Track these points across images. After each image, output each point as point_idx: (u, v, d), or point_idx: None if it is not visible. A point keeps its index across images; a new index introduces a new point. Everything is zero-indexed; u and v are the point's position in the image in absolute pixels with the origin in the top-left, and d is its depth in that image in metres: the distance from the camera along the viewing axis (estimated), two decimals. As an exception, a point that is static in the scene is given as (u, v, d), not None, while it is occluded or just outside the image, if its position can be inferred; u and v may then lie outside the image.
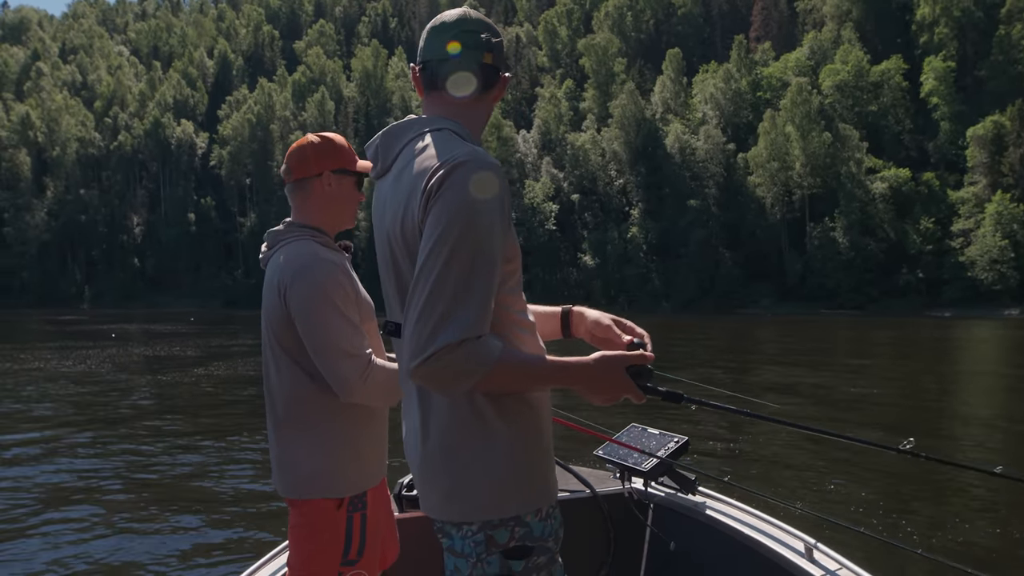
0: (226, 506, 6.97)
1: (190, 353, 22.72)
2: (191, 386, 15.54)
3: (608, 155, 72.20)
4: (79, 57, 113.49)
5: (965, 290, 54.04)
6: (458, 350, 1.36)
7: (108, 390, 14.98)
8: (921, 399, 13.44)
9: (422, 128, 1.55)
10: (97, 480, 7.90)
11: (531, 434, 1.51)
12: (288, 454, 2.15)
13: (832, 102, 64.99)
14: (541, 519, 1.50)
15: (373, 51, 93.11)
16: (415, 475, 1.58)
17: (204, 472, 8.22)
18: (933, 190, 60.07)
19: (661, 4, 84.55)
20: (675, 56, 73.48)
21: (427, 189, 1.43)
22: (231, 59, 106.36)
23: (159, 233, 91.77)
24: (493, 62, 1.58)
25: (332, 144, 2.27)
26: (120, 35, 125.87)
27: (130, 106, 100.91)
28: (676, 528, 2.89)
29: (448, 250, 1.38)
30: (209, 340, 29.37)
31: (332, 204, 2.25)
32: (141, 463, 8.75)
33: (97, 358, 21.53)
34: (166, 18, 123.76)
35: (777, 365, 20.05)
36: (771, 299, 60.96)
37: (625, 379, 1.49)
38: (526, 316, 1.57)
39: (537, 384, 1.49)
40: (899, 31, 69.42)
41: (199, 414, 12.16)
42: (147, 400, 13.82)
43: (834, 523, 2.95)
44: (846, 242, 59.22)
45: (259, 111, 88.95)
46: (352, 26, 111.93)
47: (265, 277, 2.28)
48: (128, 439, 10.09)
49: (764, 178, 64.18)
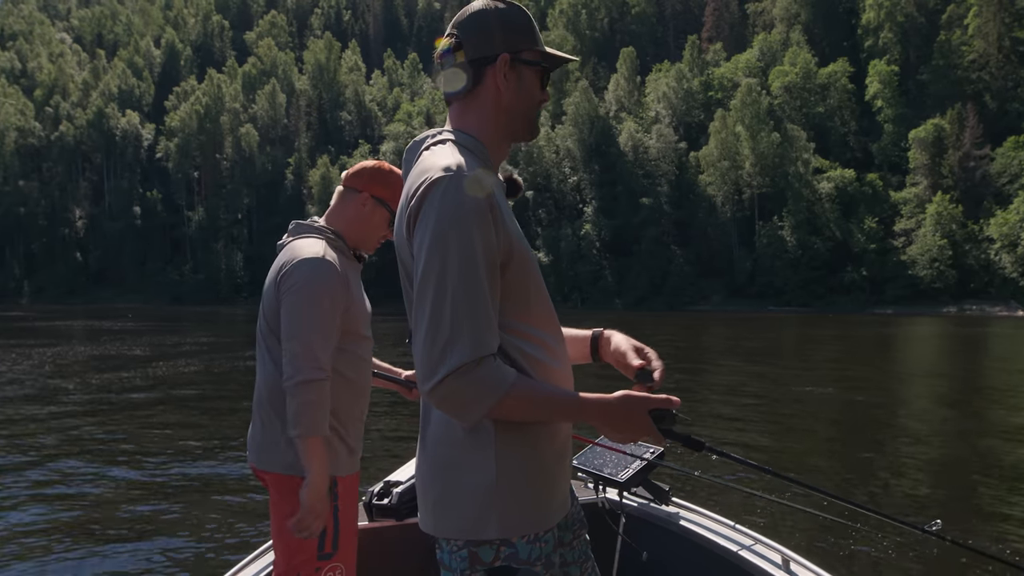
0: (199, 507, 6.80)
1: (138, 352, 22.15)
2: (139, 385, 15.17)
3: (562, 152, 72.52)
4: (18, 43, 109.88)
5: (906, 288, 55.68)
6: (467, 375, 1.35)
7: (50, 390, 14.52)
8: (868, 395, 13.78)
9: (428, 141, 1.54)
10: (49, 485, 7.64)
11: (528, 455, 1.47)
12: (269, 432, 2.27)
13: (781, 103, 66.28)
14: (529, 541, 1.45)
15: (326, 44, 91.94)
16: (416, 484, 1.58)
17: (166, 473, 8.02)
18: (877, 190, 61.69)
19: (615, 3, 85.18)
20: (629, 55, 74.09)
21: (409, 210, 1.43)
22: (179, 49, 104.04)
23: (103, 227, 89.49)
24: (469, 57, 1.53)
25: (389, 177, 2.42)
26: (62, 22, 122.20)
27: (72, 95, 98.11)
28: (649, 538, 2.87)
29: (437, 274, 1.37)
30: (159, 338, 28.71)
31: (359, 222, 2.40)
32: (93, 467, 8.49)
33: (39, 356, 20.89)
34: (111, 5, 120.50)
35: (728, 362, 20.39)
36: (721, 296, 61.93)
37: (646, 422, 1.44)
38: (543, 335, 1.52)
39: (552, 417, 1.47)
40: (845, 34, 71.12)
41: (152, 414, 11.87)
42: (94, 400, 13.44)
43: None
44: (793, 240, 60.48)
45: (208, 103, 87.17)
46: (305, 18, 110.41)
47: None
48: (76, 441, 9.80)
49: (715, 177, 65.13)
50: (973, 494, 7.09)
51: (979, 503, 6.80)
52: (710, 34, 78.69)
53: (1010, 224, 52.86)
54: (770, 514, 6.18)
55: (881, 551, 5.39)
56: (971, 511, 6.49)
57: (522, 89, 1.55)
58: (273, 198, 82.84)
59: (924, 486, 7.39)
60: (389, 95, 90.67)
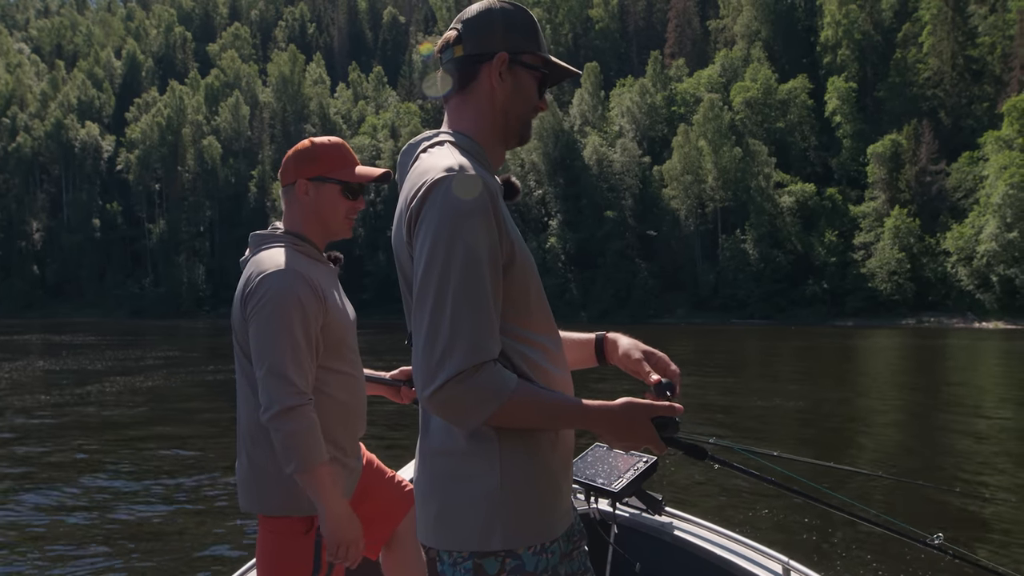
0: (182, 524, 6.64)
1: (99, 366, 21.65)
2: (99, 400, 14.80)
3: (527, 166, 72.75)
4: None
5: (866, 300, 56.65)
6: (468, 380, 1.32)
7: (4, 407, 14.10)
8: (834, 406, 13.94)
9: (425, 143, 1.51)
10: (25, 507, 7.37)
11: (532, 464, 1.44)
12: (255, 470, 2.09)
13: (742, 118, 67.27)
14: (535, 553, 1.42)
15: (290, 56, 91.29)
16: (415, 496, 1.55)
17: (147, 490, 7.81)
18: (836, 204, 62.78)
19: (579, 19, 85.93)
20: (593, 70, 74.69)
21: (409, 213, 1.40)
22: (140, 60, 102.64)
23: (61, 239, 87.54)
24: (467, 51, 1.51)
25: (311, 151, 2.20)
26: (20, 32, 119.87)
27: (30, 106, 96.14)
28: (642, 549, 2.81)
29: (438, 276, 1.34)
30: (120, 352, 28.10)
31: (313, 212, 2.18)
32: (74, 487, 8.24)
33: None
34: (71, 16, 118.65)
35: (691, 376, 20.49)
36: (685, 309, 62.41)
37: (649, 429, 1.43)
38: (543, 339, 1.50)
39: (554, 424, 1.45)
40: (805, 51, 72.51)
41: (115, 429, 11.59)
42: (53, 415, 13.06)
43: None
44: (756, 254, 61.24)
45: (169, 114, 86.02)
46: (269, 30, 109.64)
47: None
48: (33, 459, 9.50)
49: (678, 191, 65.74)
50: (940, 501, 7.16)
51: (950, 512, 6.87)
52: (672, 50, 79.68)
53: (965, 237, 54.15)
54: (769, 524, 6.11)
55: (880, 562, 5.36)
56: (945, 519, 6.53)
57: (518, 92, 1.53)
58: (236, 211, 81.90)
59: (890, 495, 7.47)
60: (354, 108, 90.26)
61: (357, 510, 2.13)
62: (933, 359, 25.81)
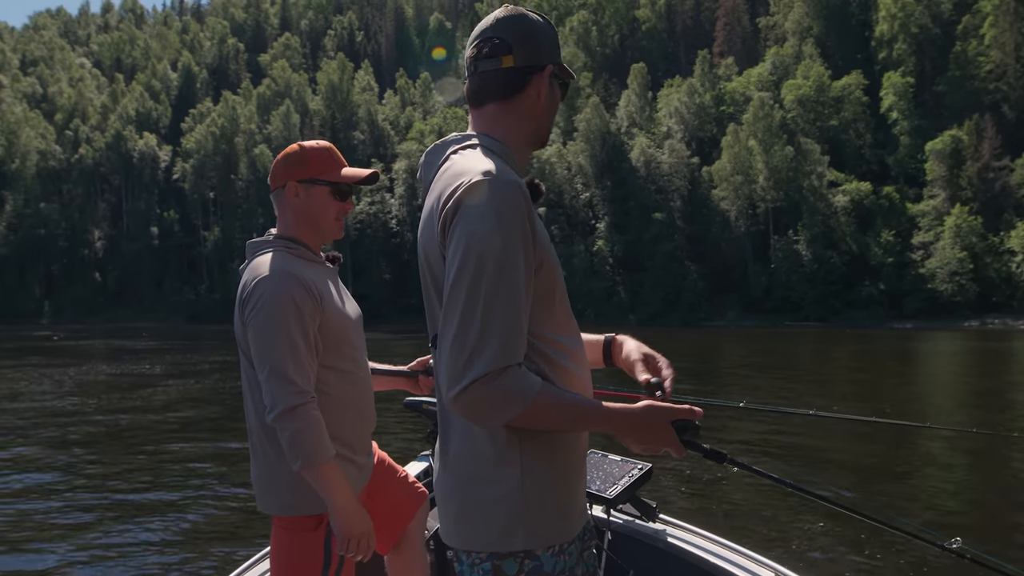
0: (203, 517, 6.82)
1: (157, 370, 22.27)
2: (156, 402, 15.14)
3: (574, 169, 72.48)
4: (39, 69, 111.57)
5: (925, 302, 54.87)
6: (493, 382, 1.34)
7: (70, 408, 14.50)
8: (891, 411, 13.45)
9: (455, 145, 1.53)
10: (66, 499, 7.64)
11: (551, 466, 1.46)
12: (265, 471, 2.15)
13: (794, 116, 65.91)
14: (554, 554, 1.44)
15: (339, 64, 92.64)
16: (436, 496, 1.56)
17: (176, 485, 8.01)
18: (894, 203, 61.07)
19: (626, 19, 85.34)
20: (640, 71, 74.12)
21: (443, 214, 1.41)
22: (195, 72, 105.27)
23: (121, 247, 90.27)
24: (519, 63, 1.53)
25: (300, 154, 2.24)
26: (82, 47, 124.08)
27: (91, 119, 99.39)
28: (636, 555, 2.83)
29: (469, 280, 1.35)
30: (178, 356, 28.77)
31: (304, 215, 2.23)
32: (110, 480, 8.46)
33: (61, 375, 20.96)
34: (129, 30, 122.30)
35: (743, 379, 20.02)
36: (736, 311, 61.39)
37: (669, 432, 1.45)
38: (565, 340, 1.51)
39: (576, 425, 1.47)
40: (859, 47, 70.75)
41: (168, 430, 11.82)
42: (111, 417, 13.40)
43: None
44: (809, 254, 59.90)
45: (223, 124, 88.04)
46: (318, 39, 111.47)
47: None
48: (96, 457, 9.76)
49: (728, 191, 64.77)
50: (1000, 515, 6.81)
51: (1005, 524, 6.53)
52: (721, 48, 78.59)
53: (1031, 236, 52.19)
54: (762, 531, 5.99)
55: (896, 568, 5.22)
56: (996, 531, 6.26)
57: (552, 100, 1.58)
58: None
59: (947, 505, 7.11)
60: (401, 114, 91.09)
61: (367, 507, 2.18)
62: (999, 362, 24.82)
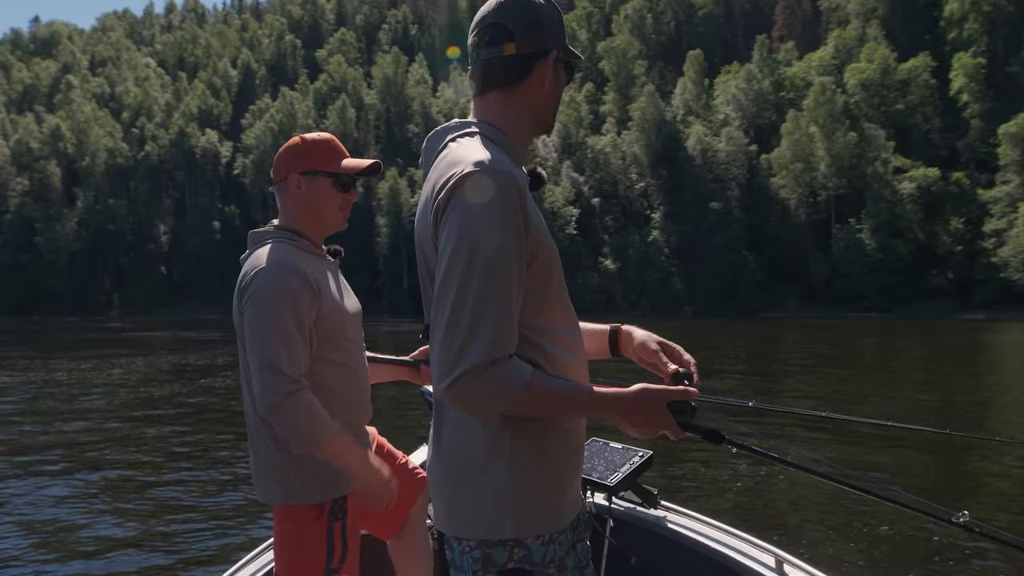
0: (215, 509, 6.95)
1: (220, 361, 22.83)
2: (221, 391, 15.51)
3: (628, 158, 71.66)
4: (107, 69, 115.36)
5: (998, 291, 52.62)
6: (484, 373, 1.33)
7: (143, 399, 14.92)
8: (962, 405, 12.84)
9: (454, 132, 1.52)
10: (102, 489, 7.84)
11: (543, 456, 1.44)
12: (264, 461, 2.15)
13: (857, 101, 63.86)
14: (544, 543, 1.43)
15: (393, 58, 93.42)
16: (428, 484, 1.57)
17: (216, 477, 8.15)
18: (964, 189, 58.74)
19: (682, 5, 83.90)
20: (696, 57, 72.81)
21: (436, 204, 1.40)
22: (254, 68, 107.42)
23: (185, 241, 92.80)
24: (521, 50, 1.50)
25: (301, 146, 2.24)
26: (147, 47, 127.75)
27: (156, 116, 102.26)
28: (637, 542, 2.83)
29: (461, 270, 1.34)
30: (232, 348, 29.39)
31: (306, 206, 2.22)
32: (148, 470, 8.64)
33: (129, 365, 21.70)
34: (191, 30, 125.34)
35: (803, 372, 19.35)
36: (796, 302, 59.98)
37: (665, 415, 1.43)
38: (563, 332, 1.50)
39: (570, 412, 1.45)
40: (927, 28, 68.13)
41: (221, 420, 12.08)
42: (183, 405, 13.78)
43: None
44: (873, 243, 58.06)
45: (281, 120, 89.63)
46: (373, 34, 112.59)
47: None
48: (162, 443, 10.02)
49: (788, 179, 63.26)
50: None
51: None
52: (781, 33, 76.66)
53: (1112, 222, 49.56)
54: (763, 517, 5.83)
55: (900, 546, 5.10)
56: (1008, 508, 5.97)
57: (557, 86, 1.55)
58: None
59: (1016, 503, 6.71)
60: (455, 107, 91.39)
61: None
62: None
